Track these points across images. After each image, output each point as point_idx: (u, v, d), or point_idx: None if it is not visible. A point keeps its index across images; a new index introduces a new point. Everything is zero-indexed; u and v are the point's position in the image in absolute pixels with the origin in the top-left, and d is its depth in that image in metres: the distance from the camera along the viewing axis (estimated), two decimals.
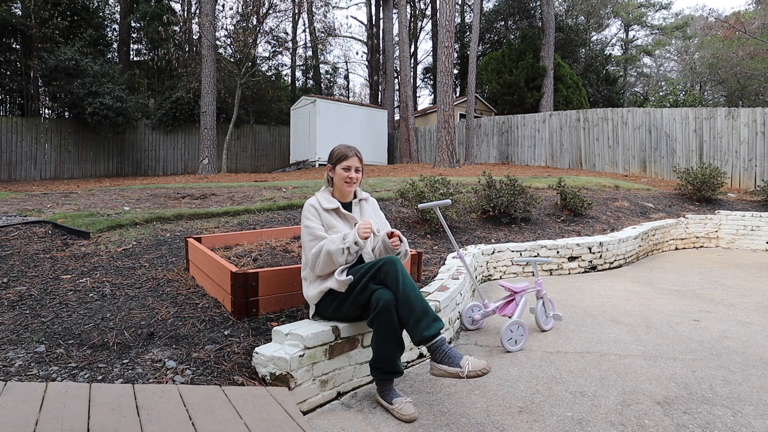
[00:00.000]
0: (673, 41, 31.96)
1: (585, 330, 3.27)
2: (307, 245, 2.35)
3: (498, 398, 2.27)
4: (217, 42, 15.43)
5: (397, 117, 22.29)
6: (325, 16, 25.14)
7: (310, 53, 25.48)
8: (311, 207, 2.41)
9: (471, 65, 14.31)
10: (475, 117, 15.91)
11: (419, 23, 28.75)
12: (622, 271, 5.34)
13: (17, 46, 15.92)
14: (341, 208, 2.43)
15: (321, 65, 25.66)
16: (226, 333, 2.47)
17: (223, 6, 22.50)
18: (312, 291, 2.32)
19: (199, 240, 3.49)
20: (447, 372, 2.04)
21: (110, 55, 19.02)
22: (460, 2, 26.11)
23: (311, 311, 2.39)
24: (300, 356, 2.07)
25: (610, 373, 2.55)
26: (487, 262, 4.71)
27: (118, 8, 19.55)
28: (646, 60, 33.90)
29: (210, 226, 4.54)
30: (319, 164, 15.67)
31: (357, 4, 33.62)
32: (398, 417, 2.07)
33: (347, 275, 2.23)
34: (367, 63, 27.82)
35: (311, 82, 25.48)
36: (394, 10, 19.44)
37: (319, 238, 2.31)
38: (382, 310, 2.07)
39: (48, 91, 15.17)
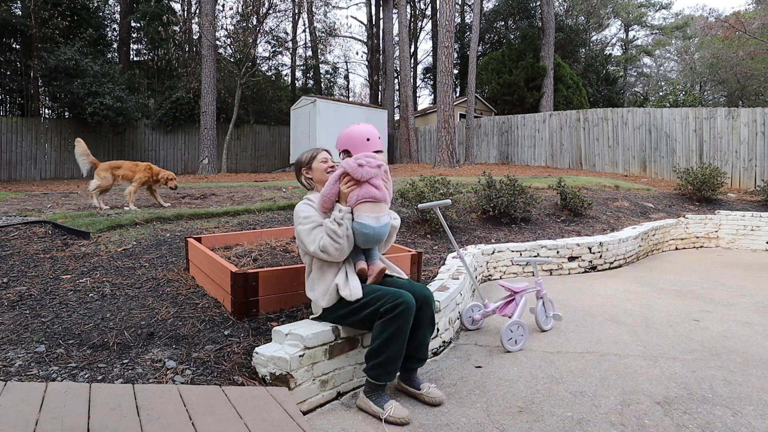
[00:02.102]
0: (673, 41, 31.94)
1: (585, 330, 3.27)
2: (307, 237, 2.22)
3: (498, 398, 2.27)
4: (217, 42, 15.43)
5: (397, 117, 22.29)
6: (325, 16, 25.20)
7: (310, 53, 25.49)
8: (305, 204, 2.35)
9: (471, 65, 14.31)
10: (475, 117, 15.91)
11: (419, 23, 28.75)
12: (622, 271, 5.33)
13: (17, 46, 15.91)
14: None
15: (321, 65, 25.66)
16: (226, 333, 2.47)
17: (223, 6, 22.49)
18: (321, 301, 2.25)
19: (199, 240, 3.49)
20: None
21: (110, 55, 19.02)
22: (460, 2, 26.11)
23: (314, 314, 2.34)
24: (300, 356, 2.07)
25: (610, 373, 2.55)
26: (487, 262, 4.71)
27: (118, 8, 19.55)
28: (646, 60, 33.91)
29: (210, 226, 4.54)
30: None
31: (357, 4, 33.65)
32: (393, 422, 2.02)
33: (363, 291, 2.18)
34: (367, 63, 27.83)
35: (311, 82, 25.48)
36: (394, 10, 19.44)
37: (321, 225, 2.24)
38: (405, 310, 2.04)
39: (48, 91, 15.17)
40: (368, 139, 2.32)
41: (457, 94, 22.05)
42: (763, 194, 8.47)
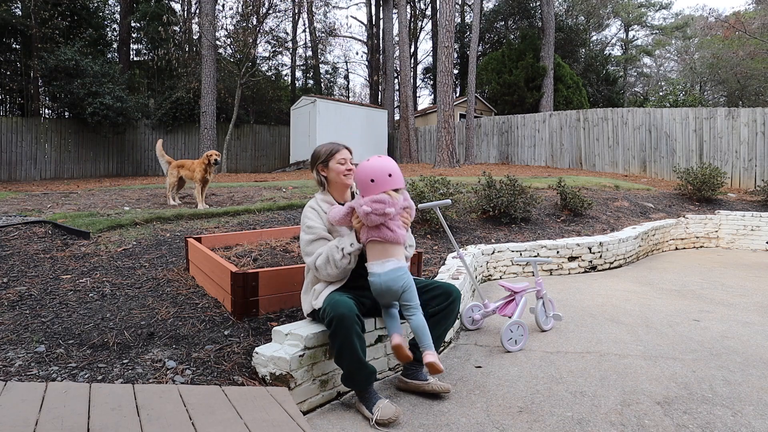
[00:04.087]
0: (673, 41, 31.92)
1: (585, 330, 3.26)
2: (307, 247, 2.24)
3: (498, 398, 2.27)
4: (217, 42, 15.42)
5: (397, 117, 22.28)
6: (325, 16, 25.20)
7: (310, 53, 25.49)
8: (312, 209, 2.31)
9: (471, 65, 14.31)
10: (475, 117, 15.91)
11: (419, 23, 28.75)
12: (622, 271, 5.33)
13: (17, 46, 15.90)
14: None
15: (321, 65, 25.66)
16: (226, 333, 2.47)
17: (223, 6, 22.51)
18: (305, 305, 2.29)
19: (199, 240, 3.49)
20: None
21: (110, 55, 19.01)
22: (460, 2, 26.10)
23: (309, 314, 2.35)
24: (300, 356, 2.07)
25: (610, 373, 2.55)
26: (487, 262, 4.71)
27: (118, 8, 19.55)
28: (646, 60, 33.87)
29: (210, 226, 4.54)
30: None
31: (357, 4, 33.65)
32: (382, 424, 2.00)
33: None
34: (367, 63, 27.83)
35: (311, 82, 25.47)
36: (394, 10, 19.43)
37: (322, 238, 2.24)
38: (338, 323, 1.99)
39: (48, 91, 15.16)
40: (372, 180, 2.12)
41: (457, 94, 22.04)
42: (763, 194, 8.47)
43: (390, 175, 2.15)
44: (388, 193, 2.12)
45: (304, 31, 25.70)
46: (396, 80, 23.39)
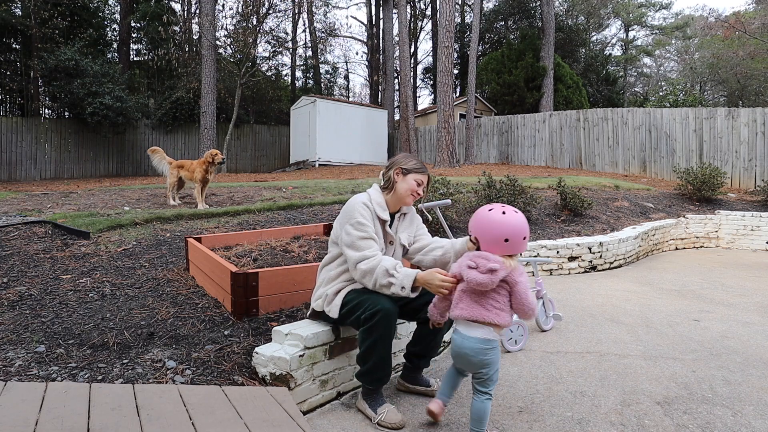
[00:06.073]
0: (673, 41, 31.92)
1: (585, 330, 3.26)
2: (358, 242, 2.04)
3: (498, 398, 2.27)
4: (217, 42, 15.43)
5: (397, 117, 22.29)
6: (325, 16, 25.22)
7: (310, 53, 25.50)
8: (365, 206, 2.13)
9: (471, 65, 14.32)
10: (475, 117, 15.91)
11: (419, 23, 28.75)
12: (622, 271, 5.33)
13: (17, 46, 15.91)
14: (388, 222, 2.22)
15: (321, 65, 25.65)
16: (226, 333, 2.47)
17: (223, 6, 22.53)
18: (313, 303, 2.24)
19: (199, 240, 3.49)
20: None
21: (110, 55, 19.02)
22: (460, 2, 26.10)
23: (311, 312, 2.32)
24: (300, 356, 2.07)
25: (610, 373, 2.55)
26: None
27: (118, 8, 19.56)
28: (646, 60, 33.86)
29: (210, 226, 4.54)
30: (320, 164, 15.66)
31: (357, 4, 33.67)
32: (385, 426, 2.01)
33: (346, 297, 2.13)
34: (367, 63, 27.85)
35: (311, 82, 25.47)
36: (394, 10, 19.43)
37: (373, 239, 2.08)
38: (383, 318, 1.96)
39: (48, 91, 15.17)
40: (506, 240, 1.78)
41: (457, 94, 22.04)
42: (763, 194, 8.47)
43: (524, 238, 1.81)
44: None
45: (304, 31, 25.73)
46: (396, 80, 23.40)
